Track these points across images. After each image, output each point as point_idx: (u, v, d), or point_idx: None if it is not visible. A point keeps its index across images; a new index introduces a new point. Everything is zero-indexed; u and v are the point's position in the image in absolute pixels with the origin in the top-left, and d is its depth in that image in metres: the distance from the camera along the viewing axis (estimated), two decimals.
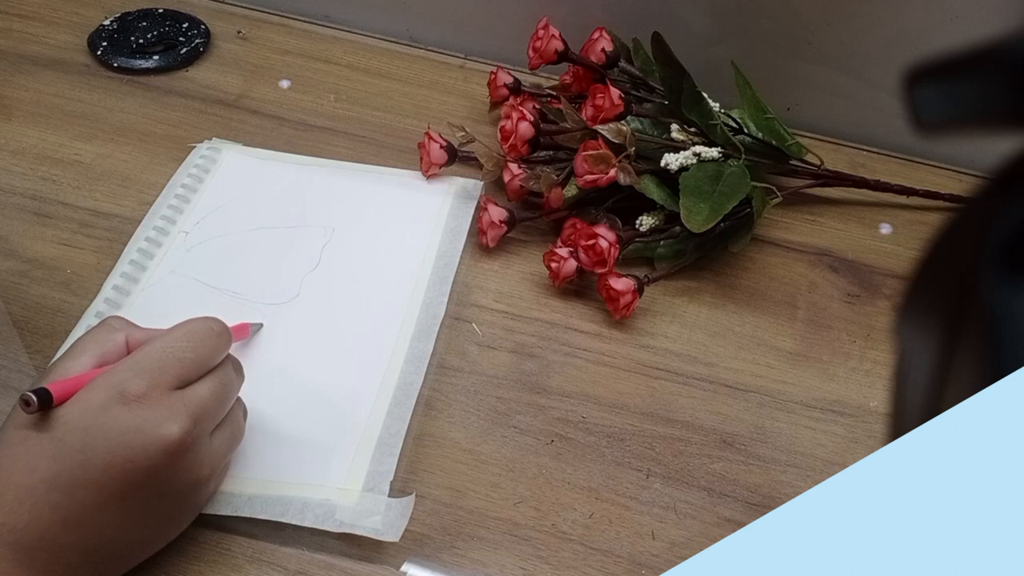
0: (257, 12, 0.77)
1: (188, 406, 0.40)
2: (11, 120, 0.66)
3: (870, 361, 0.56)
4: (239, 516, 0.44)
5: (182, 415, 0.39)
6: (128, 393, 0.38)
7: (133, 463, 0.38)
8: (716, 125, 0.60)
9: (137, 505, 0.39)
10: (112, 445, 0.38)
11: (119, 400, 0.38)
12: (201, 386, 0.41)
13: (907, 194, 0.66)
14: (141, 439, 0.38)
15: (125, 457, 0.38)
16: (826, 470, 0.50)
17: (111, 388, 0.38)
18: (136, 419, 0.38)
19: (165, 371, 0.40)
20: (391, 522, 0.44)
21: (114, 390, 0.38)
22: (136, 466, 0.38)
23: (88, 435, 0.38)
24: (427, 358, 0.52)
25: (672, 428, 0.52)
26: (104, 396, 0.38)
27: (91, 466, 0.37)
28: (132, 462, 0.38)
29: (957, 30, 0.64)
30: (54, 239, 0.58)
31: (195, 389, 0.41)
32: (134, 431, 0.38)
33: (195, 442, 0.40)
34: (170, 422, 0.39)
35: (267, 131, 0.67)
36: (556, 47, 0.63)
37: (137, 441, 0.38)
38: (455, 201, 0.62)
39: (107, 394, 0.38)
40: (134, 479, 0.38)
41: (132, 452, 0.38)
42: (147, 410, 0.38)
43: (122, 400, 0.38)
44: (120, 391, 0.38)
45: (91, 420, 0.38)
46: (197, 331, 0.42)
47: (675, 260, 0.60)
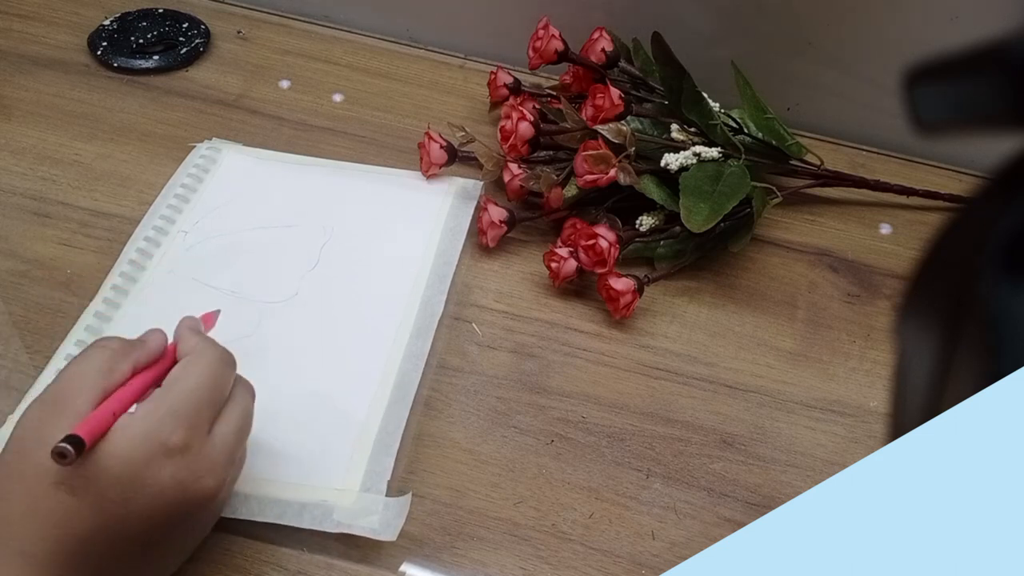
0: (257, 12, 0.77)
1: (222, 454, 0.39)
2: (11, 120, 0.66)
3: (870, 361, 0.56)
4: (236, 518, 0.44)
5: (219, 467, 0.39)
6: (170, 445, 0.37)
7: (175, 517, 0.38)
8: (716, 125, 0.60)
9: (169, 546, 0.40)
10: (153, 498, 0.37)
11: (161, 452, 0.37)
12: (226, 426, 0.40)
13: (907, 194, 0.66)
14: (183, 494, 0.38)
15: (167, 512, 0.38)
16: (826, 470, 0.50)
17: (152, 439, 0.37)
18: (179, 473, 0.37)
19: (200, 415, 0.39)
20: (388, 522, 0.44)
21: (156, 441, 0.37)
22: (177, 518, 0.38)
23: (130, 489, 0.37)
24: (425, 357, 0.52)
25: (672, 428, 0.52)
26: (146, 448, 0.37)
27: (132, 519, 0.37)
28: (173, 516, 0.38)
29: (957, 30, 0.63)
30: (54, 239, 0.58)
31: (223, 432, 0.40)
32: (177, 486, 0.37)
33: (226, 485, 0.40)
34: (210, 475, 0.39)
35: (267, 131, 0.67)
36: (556, 47, 0.63)
37: (180, 497, 0.38)
38: (455, 201, 0.62)
39: (149, 446, 0.37)
40: (174, 528, 0.39)
41: (175, 508, 0.38)
42: (189, 462, 0.38)
43: (165, 452, 0.37)
44: (161, 442, 0.37)
45: (134, 473, 0.37)
46: (214, 365, 0.41)
47: (675, 260, 0.60)
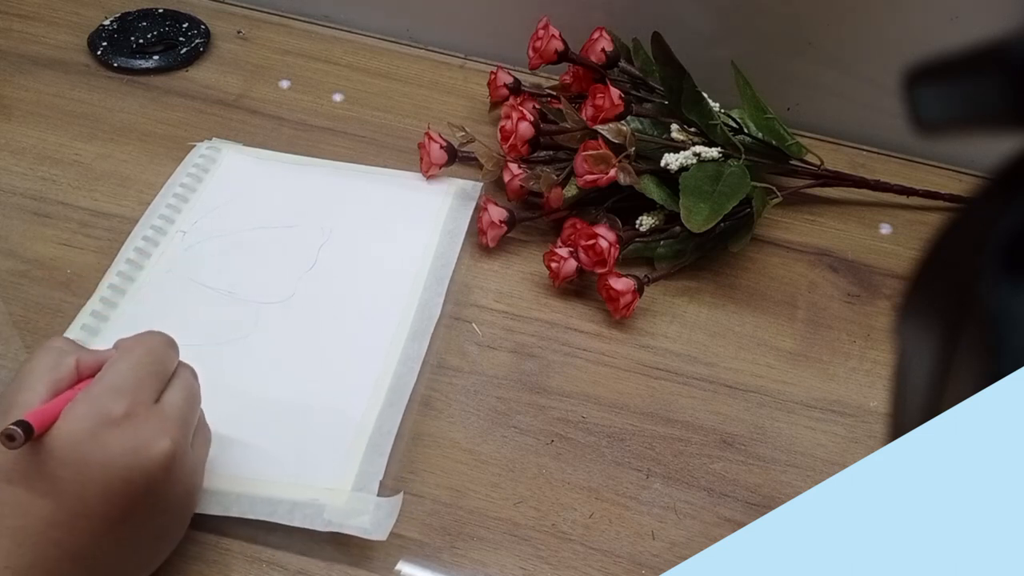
0: (257, 12, 0.77)
1: (171, 417, 0.39)
2: (11, 120, 0.66)
3: (870, 361, 0.56)
4: (229, 516, 0.44)
5: (170, 427, 0.39)
6: (113, 416, 0.37)
7: (132, 484, 0.37)
8: (716, 125, 0.60)
9: (138, 525, 0.39)
10: (108, 471, 0.37)
11: (105, 424, 0.37)
12: (173, 394, 0.41)
13: (907, 194, 0.66)
14: (137, 459, 0.37)
15: (123, 479, 0.37)
16: (826, 470, 0.50)
17: (94, 413, 0.37)
18: (127, 440, 0.37)
19: (142, 387, 0.39)
20: (379, 521, 0.44)
21: (98, 415, 0.37)
22: (135, 487, 0.38)
23: (82, 465, 0.37)
24: (421, 359, 0.52)
25: (672, 428, 0.52)
26: (89, 423, 0.37)
27: (89, 496, 0.37)
28: (131, 484, 0.37)
29: (957, 30, 0.63)
30: (54, 239, 0.58)
31: (170, 399, 0.40)
32: (129, 453, 0.37)
33: (184, 451, 0.40)
34: (161, 437, 0.38)
35: (267, 131, 0.67)
36: (556, 47, 0.63)
37: (133, 462, 0.37)
38: (454, 202, 0.62)
39: (91, 420, 0.37)
40: (134, 500, 0.38)
41: (130, 473, 0.37)
42: (135, 429, 0.38)
43: (108, 423, 0.37)
44: (104, 414, 0.37)
45: (82, 450, 0.37)
46: (154, 344, 0.41)
47: (675, 260, 0.60)
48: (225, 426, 0.48)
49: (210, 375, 0.50)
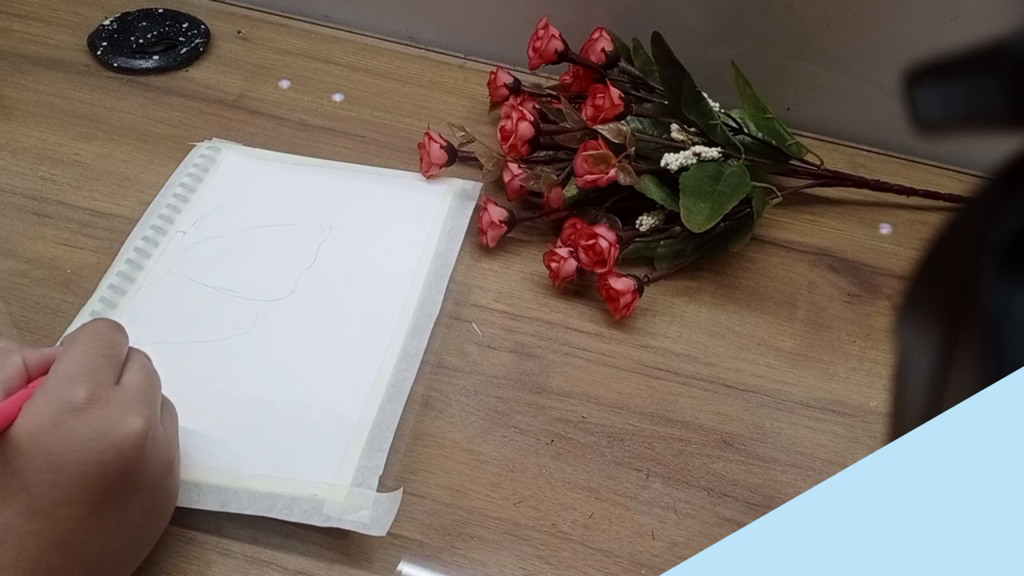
0: (257, 12, 0.77)
1: (135, 396, 0.39)
2: (11, 120, 0.66)
3: (870, 361, 0.56)
4: (229, 515, 0.44)
5: (136, 404, 0.39)
6: (75, 402, 0.37)
7: (107, 466, 0.37)
8: (716, 125, 0.60)
9: (120, 506, 0.39)
10: (79, 456, 0.36)
11: (69, 411, 0.37)
12: (133, 375, 0.40)
13: (907, 194, 0.66)
14: (108, 441, 0.37)
15: (97, 463, 0.37)
16: (826, 470, 0.50)
17: (55, 403, 0.37)
18: (95, 423, 0.37)
19: (99, 370, 0.39)
20: (378, 517, 0.44)
21: (59, 403, 0.37)
22: (110, 469, 0.37)
23: (51, 455, 0.36)
24: (420, 355, 0.52)
25: (672, 428, 0.52)
26: (52, 413, 0.36)
27: (64, 483, 0.36)
28: (105, 466, 0.37)
29: (957, 30, 0.63)
30: (54, 239, 0.58)
31: (130, 379, 0.40)
32: (98, 436, 0.37)
33: (155, 428, 0.40)
34: (129, 415, 0.38)
35: (267, 131, 0.67)
36: (556, 47, 0.63)
37: (104, 444, 0.37)
38: (454, 202, 0.62)
39: (53, 410, 0.36)
40: (112, 482, 0.38)
41: (103, 456, 0.37)
42: (101, 411, 0.37)
43: (72, 410, 0.37)
44: (66, 402, 0.37)
45: (49, 440, 0.36)
46: (102, 330, 0.41)
47: (675, 260, 0.60)
48: (224, 423, 0.48)
49: (210, 372, 0.50)
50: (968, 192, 0.21)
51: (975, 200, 0.19)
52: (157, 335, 0.51)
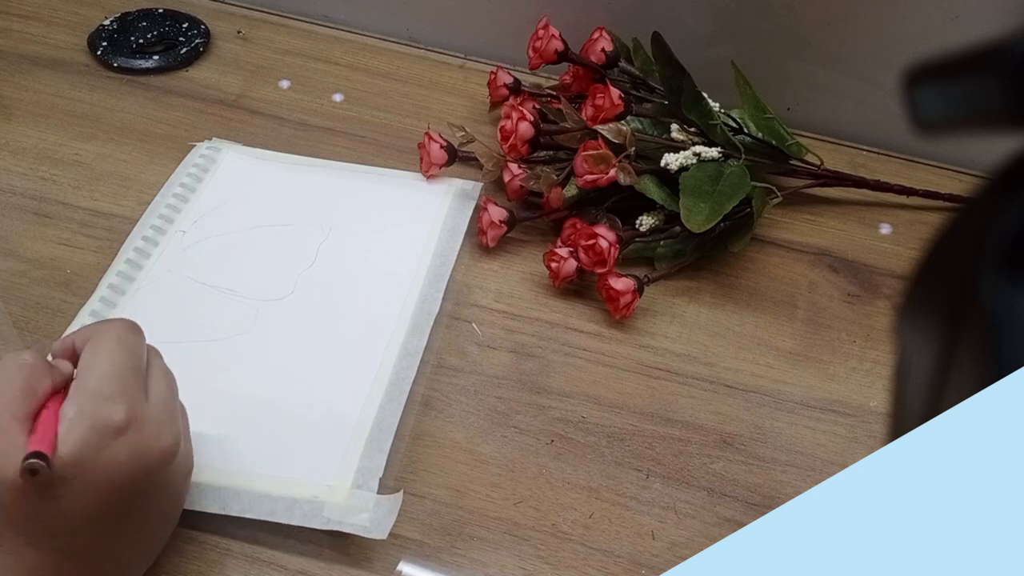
0: (257, 12, 0.77)
1: (165, 412, 0.39)
2: (11, 120, 0.66)
3: (870, 361, 0.56)
4: (228, 516, 0.44)
5: (167, 422, 0.39)
6: (116, 424, 0.36)
7: (136, 482, 0.37)
8: (716, 125, 0.60)
9: (141, 518, 0.39)
10: (114, 479, 0.36)
11: (110, 435, 0.36)
12: (158, 387, 0.40)
13: (907, 194, 0.66)
14: (141, 461, 0.37)
15: (129, 482, 0.37)
16: (826, 470, 0.50)
17: (95, 427, 0.36)
18: (134, 446, 0.37)
19: (130, 386, 0.38)
20: (379, 520, 0.44)
21: (100, 427, 0.36)
22: (138, 484, 0.38)
23: (90, 480, 0.36)
24: (420, 355, 0.52)
25: (672, 428, 0.51)
26: (94, 438, 0.36)
27: (93, 502, 0.36)
28: (135, 482, 0.37)
29: (957, 30, 0.63)
30: (54, 239, 0.58)
31: (157, 393, 0.40)
32: (133, 458, 0.37)
33: (182, 441, 0.40)
34: (163, 435, 0.38)
35: (267, 131, 0.67)
36: (556, 47, 0.63)
37: (137, 464, 0.37)
38: (454, 202, 0.62)
39: (95, 434, 0.36)
40: (135, 496, 0.38)
41: (134, 475, 0.37)
42: (139, 432, 0.37)
43: (112, 433, 0.36)
44: (105, 425, 0.36)
45: (91, 467, 0.36)
46: (124, 336, 0.40)
47: (675, 260, 0.60)
48: (224, 423, 0.48)
49: (210, 372, 0.50)
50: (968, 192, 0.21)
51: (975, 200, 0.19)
52: (157, 334, 0.51)
